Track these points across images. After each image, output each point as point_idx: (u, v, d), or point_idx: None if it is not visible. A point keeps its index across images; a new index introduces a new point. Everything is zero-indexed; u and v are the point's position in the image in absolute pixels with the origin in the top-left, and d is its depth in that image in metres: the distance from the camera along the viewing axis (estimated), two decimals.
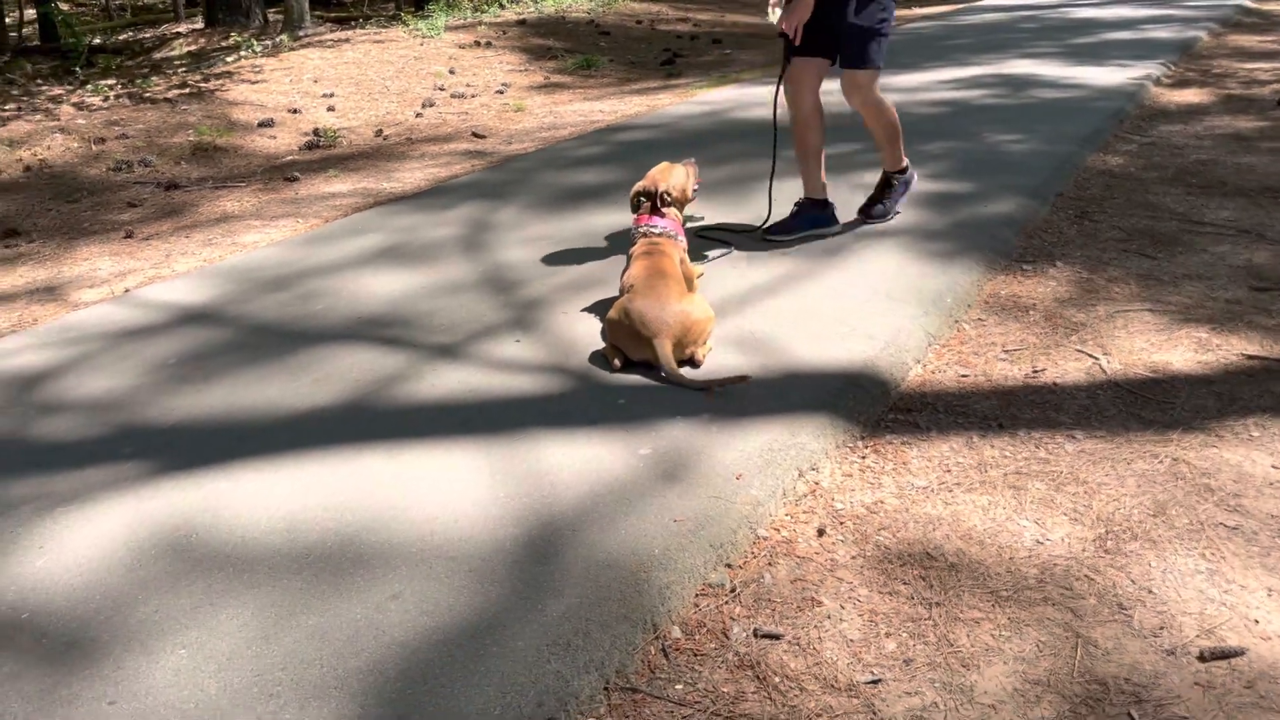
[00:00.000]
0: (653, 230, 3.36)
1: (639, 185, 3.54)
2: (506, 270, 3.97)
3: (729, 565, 2.21)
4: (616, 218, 4.54)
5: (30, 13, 17.41)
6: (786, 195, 4.41)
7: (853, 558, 2.23)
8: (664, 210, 3.45)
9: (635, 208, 3.53)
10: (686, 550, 2.18)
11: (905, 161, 4.20)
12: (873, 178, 4.58)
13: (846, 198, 4.45)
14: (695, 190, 3.68)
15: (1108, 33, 9.45)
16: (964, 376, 3.02)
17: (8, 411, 3.04)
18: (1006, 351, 3.16)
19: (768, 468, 2.48)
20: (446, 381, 3.05)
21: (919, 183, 4.64)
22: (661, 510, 2.30)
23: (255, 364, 3.26)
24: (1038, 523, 2.32)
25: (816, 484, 2.51)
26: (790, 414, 2.72)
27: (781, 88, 4.00)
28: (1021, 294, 3.55)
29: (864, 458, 2.63)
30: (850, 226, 4.21)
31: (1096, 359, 3.06)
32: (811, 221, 4.11)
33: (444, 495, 2.43)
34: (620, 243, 4.15)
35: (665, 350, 2.91)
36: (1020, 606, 2.05)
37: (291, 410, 2.92)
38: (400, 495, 2.44)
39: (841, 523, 2.36)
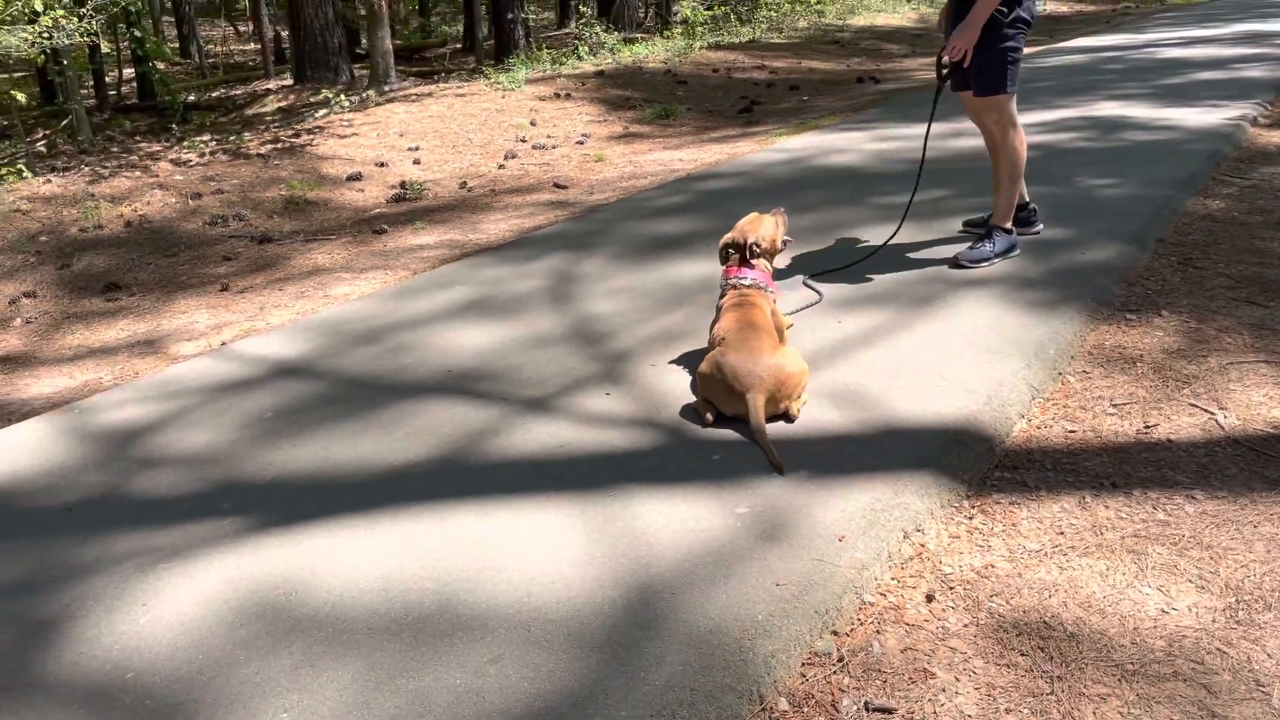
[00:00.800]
0: (742, 282, 3.32)
1: (728, 237, 3.51)
2: (593, 322, 3.97)
3: (835, 633, 2.13)
4: (701, 267, 4.52)
5: (129, 71, 18.21)
6: (874, 238, 4.33)
7: (965, 626, 2.14)
8: (754, 262, 3.42)
9: (724, 259, 3.50)
10: (791, 617, 2.11)
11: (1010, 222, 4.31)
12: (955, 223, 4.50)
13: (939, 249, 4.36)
14: (785, 241, 3.64)
15: (1197, 72, 9.21)
16: (1071, 432, 2.90)
17: (110, 466, 3.11)
18: (1115, 406, 3.03)
19: (871, 529, 2.40)
20: (537, 436, 3.03)
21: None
22: (763, 573, 2.24)
23: (349, 418, 3.29)
24: (1161, 590, 2.20)
25: (922, 546, 2.42)
26: (891, 472, 2.64)
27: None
28: (1127, 345, 3.42)
29: (971, 518, 2.53)
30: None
31: (1212, 414, 2.92)
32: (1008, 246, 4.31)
33: (539, 554, 2.40)
34: (706, 293, 4.12)
35: (758, 405, 2.86)
36: (1149, 682, 1.93)
37: (385, 465, 2.93)
38: (495, 554, 2.42)
39: (951, 588, 2.27)
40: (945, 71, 4.14)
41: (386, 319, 4.27)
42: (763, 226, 3.51)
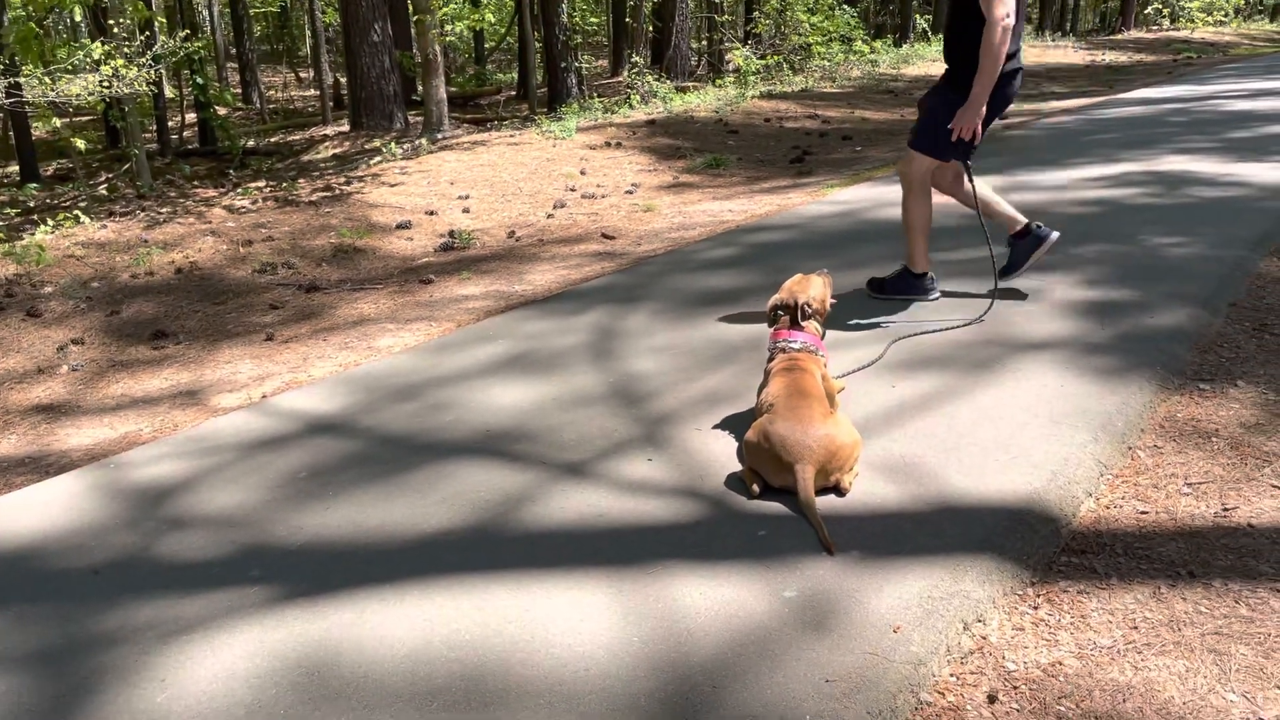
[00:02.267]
0: (791, 345, 3.19)
1: (776, 298, 3.39)
2: (636, 381, 3.86)
3: None
4: (749, 324, 4.40)
5: (191, 117, 18.67)
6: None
7: None
8: (803, 324, 3.29)
9: (772, 322, 3.37)
10: (842, 718, 1.95)
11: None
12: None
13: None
14: (832, 302, 3.51)
15: (1267, 126, 8.97)
16: (1143, 513, 2.72)
17: (141, 526, 3.04)
18: (1190, 485, 2.84)
19: (928, 619, 2.24)
20: (575, 504, 2.91)
21: (1074, 290, 4.39)
22: (811, 667, 2.09)
23: (383, 479, 3.20)
24: (1246, 697, 2.01)
25: (984, 639, 2.25)
26: (950, 554, 2.47)
27: (971, 185, 4.36)
28: (1201, 417, 3.23)
29: (1036, 608, 2.36)
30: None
31: None
32: (908, 286, 4.51)
33: (573, 637, 2.27)
34: (753, 351, 4.00)
35: (807, 478, 2.71)
36: None
37: (418, 533, 2.83)
38: (528, 634, 2.29)
39: (1015, 687, 2.10)
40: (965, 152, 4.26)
41: (427, 374, 4.19)
42: (812, 287, 3.39)
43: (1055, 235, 4.37)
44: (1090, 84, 15.92)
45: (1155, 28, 26.10)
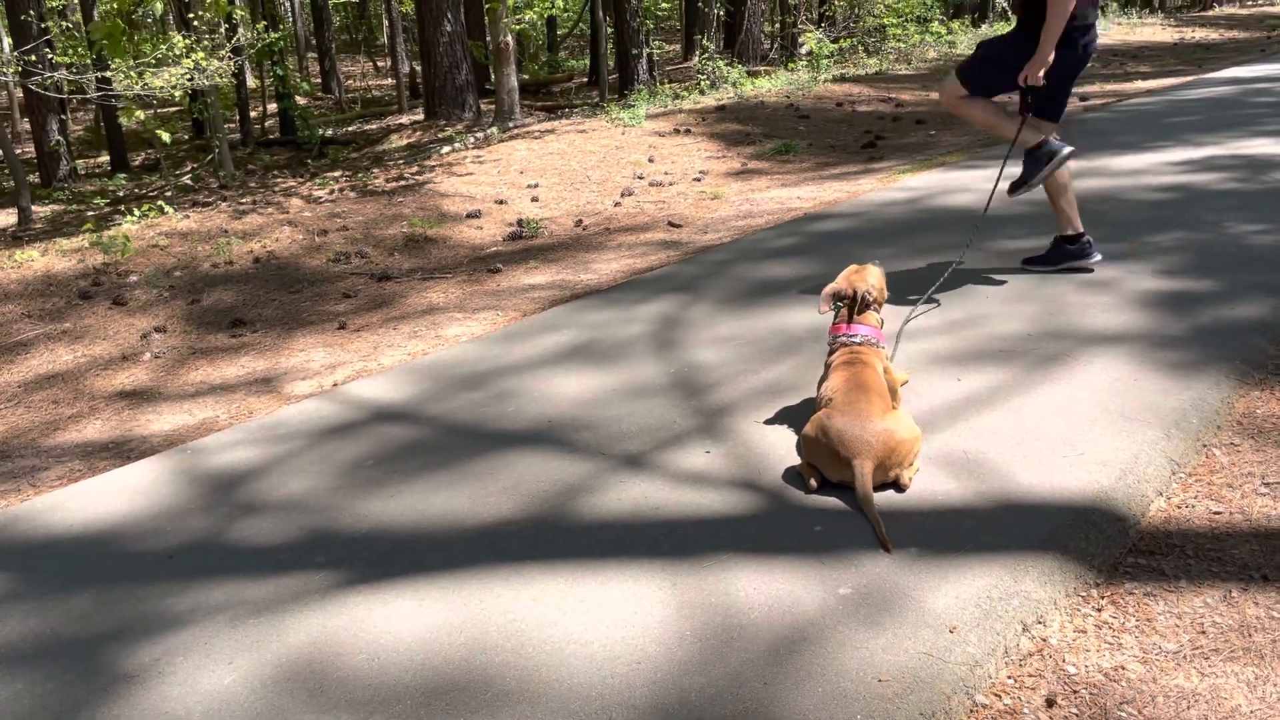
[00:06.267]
0: (853, 339, 3.15)
1: (833, 287, 3.29)
2: (697, 372, 3.85)
3: None
4: (811, 315, 4.35)
5: (272, 107, 19.10)
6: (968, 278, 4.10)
7: None
8: (862, 315, 3.23)
9: (833, 312, 3.32)
10: (893, 718, 1.94)
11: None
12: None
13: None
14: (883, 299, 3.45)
15: None
16: (1217, 514, 2.64)
17: (215, 511, 3.14)
18: (1267, 485, 2.75)
19: (986, 619, 2.20)
20: (633, 495, 2.93)
21: (1151, 280, 4.27)
22: (864, 666, 2.07)
23: (447, 467, 3.26)
24: None
25: (1044, 641, 2.21)
26: (1011, 553, 2.43)
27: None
28: None
29: (1099, 610, 2.31)
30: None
31: None
32: (1066, 255, 4.53)
33: (626, 629, 2.29)
34: (815, 342, 3.96)
35: (865, 473, 2.68)
36: None
37: (479, 522, 2.87)
38: (583, 627, 2.31)
39: (1075, 691, 2.06)
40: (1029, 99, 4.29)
41: (492, 363, 4.25)
42: (870, 276, 3.32)
43: (1070, 149, 4.32)
44: (1178, 63, 15.37)
45: (1250, 2, 25.05)
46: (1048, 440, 2.97)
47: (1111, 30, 18.43)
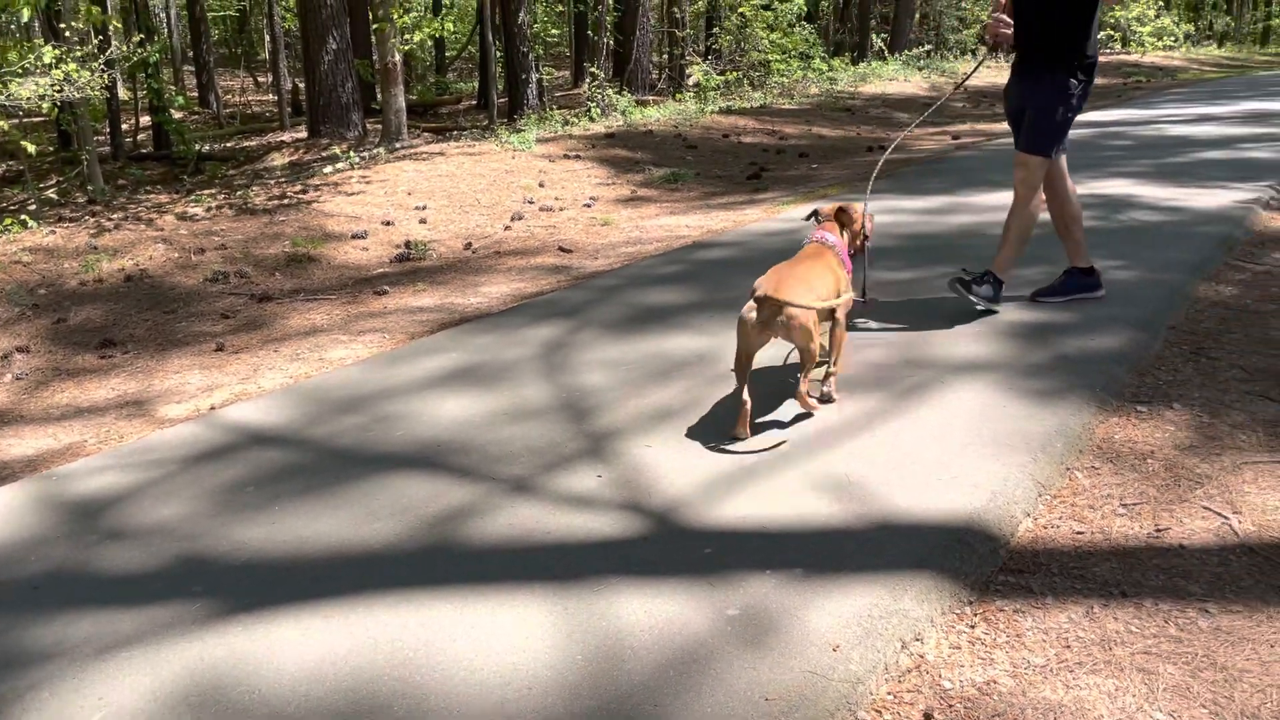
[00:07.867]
0: (827, 239, 3.64)
1: (822, 207, 3.88)
2: (585, 396, 3.87)
3: None
4: (695, 341, 4.43)
5: (145, 120, 18.38)
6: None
7: None
8: (842, 235, 3.76)
9: (817, 220, 3.84)
10: None
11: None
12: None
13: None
14: (866, 237, 3.93)
15: (1205, 151, 9.20)
16: (1080, 534, 2.79)
17: (83, 539, 3.00)
18: (1125, 505, 2.92)
19: (867, 637, 2.28)
20: (522, 519, 2.92)
21: (1017, 312, 4.50)
22: (751, 686, 2.12)
23: (330, 492, 3.19)
24: (1173, 716, 2.07)
25: (921, 657, 2.29)
26: (890, 573, 2.52)
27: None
28: (1138, 439, 3.31)
29: (973, 627, 2.41)
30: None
31: (1226, 518, 2.81)
32: (1078, 286, 4.67)
33: (517, 655, 2.28)
34: (701, 367, 4.03)
35: (760, 292, 3.22)
36: None
37: (364, 548, 2.82)
38: (473, 653, 2.30)
39: (950, 705, 2.14)
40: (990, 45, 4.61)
41: (377, 386, 4.18)
42: (859, 206, 3.89)
43: (1102, 293, 4.65)
44: None
45: (1107, 50, 26.62)
46: (923, 464, 3.09)
47: (983, 73, 19.27)
